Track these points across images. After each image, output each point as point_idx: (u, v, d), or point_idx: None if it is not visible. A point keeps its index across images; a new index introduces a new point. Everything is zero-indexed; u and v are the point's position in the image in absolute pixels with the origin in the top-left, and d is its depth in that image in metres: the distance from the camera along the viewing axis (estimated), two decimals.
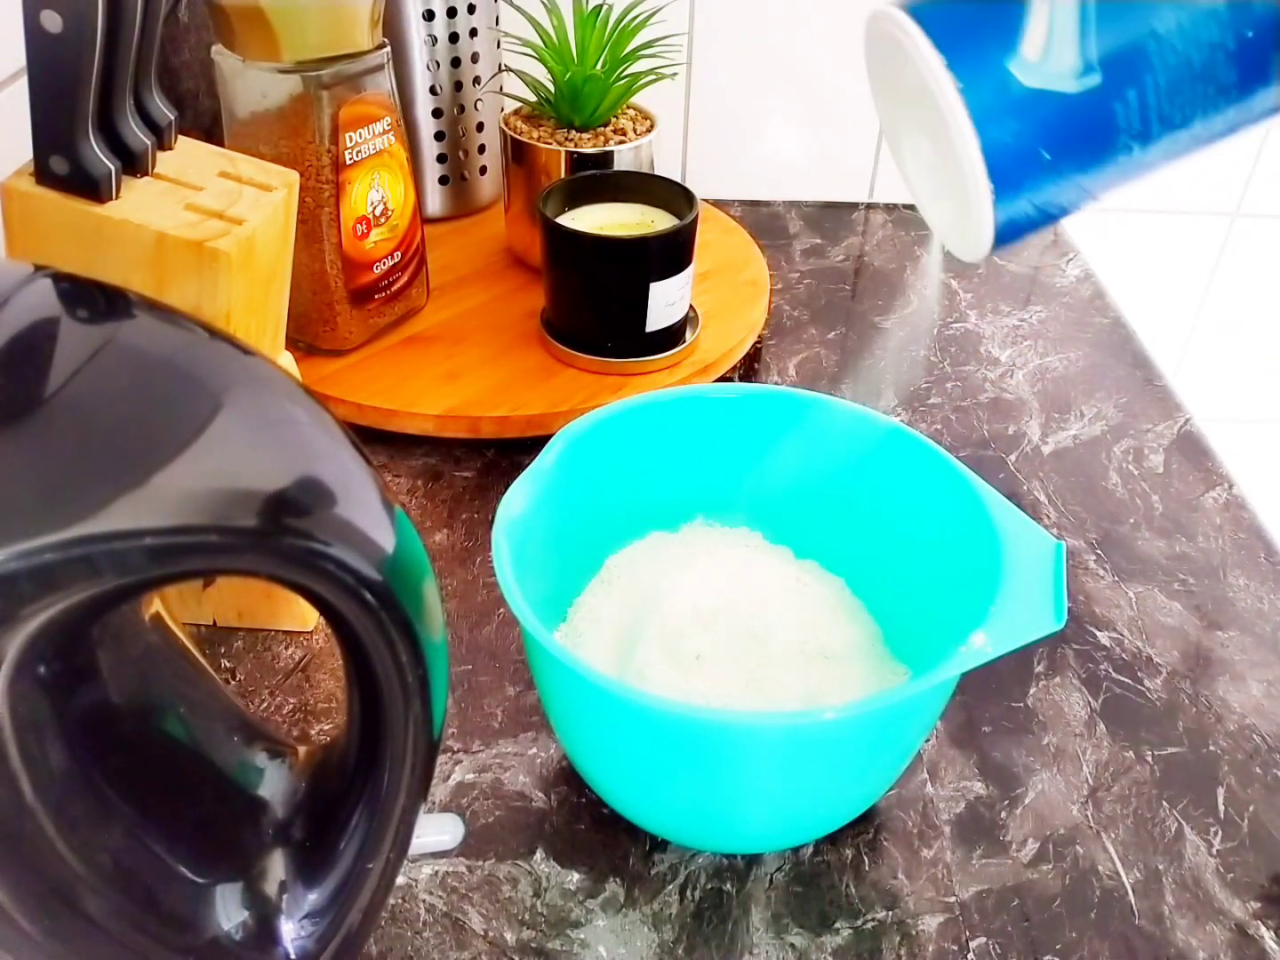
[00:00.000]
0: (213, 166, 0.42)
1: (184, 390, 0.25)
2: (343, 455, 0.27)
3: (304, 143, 0.58)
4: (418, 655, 0.28)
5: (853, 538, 0.47)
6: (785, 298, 0.79)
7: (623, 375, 0.65)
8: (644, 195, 0.68)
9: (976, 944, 0.39)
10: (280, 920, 0.31)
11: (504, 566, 0.37)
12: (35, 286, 0.26)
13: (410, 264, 0.67)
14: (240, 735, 0.33)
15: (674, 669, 0.41)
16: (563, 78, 0.69)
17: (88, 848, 0.27)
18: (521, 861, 0.42)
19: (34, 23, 0.34)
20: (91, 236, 0.38)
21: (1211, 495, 0.61)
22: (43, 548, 0.21)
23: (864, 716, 0.35)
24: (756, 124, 0.91)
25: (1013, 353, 0.74)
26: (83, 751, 0.27)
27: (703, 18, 0.85)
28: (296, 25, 0.56)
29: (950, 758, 0.46)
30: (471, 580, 0.54)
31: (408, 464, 0.61)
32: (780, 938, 0.39)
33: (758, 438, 0.47)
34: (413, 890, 0.41)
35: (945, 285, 0.81)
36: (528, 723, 0.47)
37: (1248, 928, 0.40)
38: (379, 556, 0.26)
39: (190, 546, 0.23)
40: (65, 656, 0.25)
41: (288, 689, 0.48)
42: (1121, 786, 0.45)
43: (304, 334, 0.64)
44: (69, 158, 0.37)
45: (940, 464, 0.43)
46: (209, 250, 0.39)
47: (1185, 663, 0.51)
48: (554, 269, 0.65)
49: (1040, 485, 0.62)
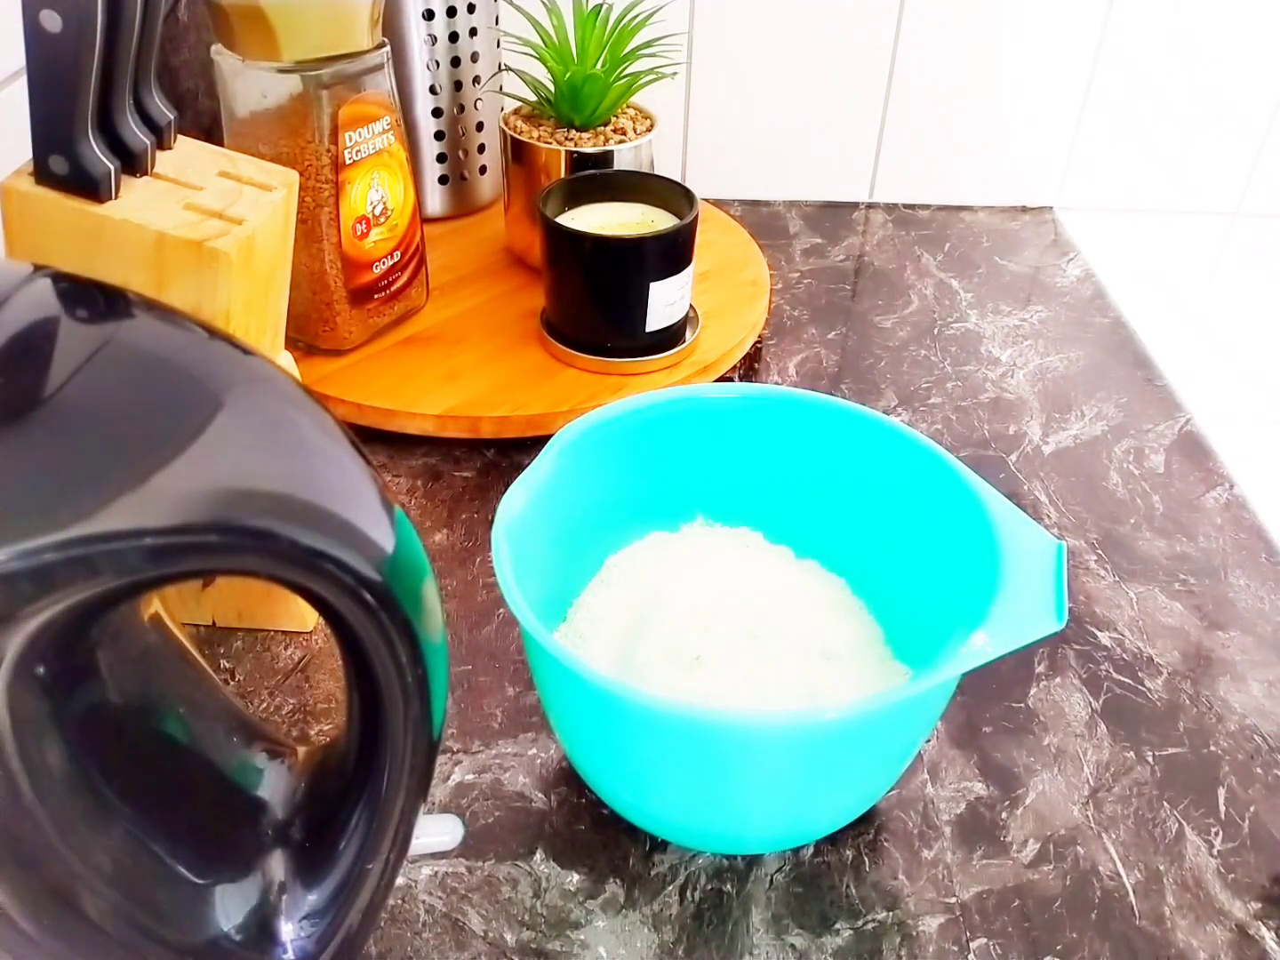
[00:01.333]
0: (212, 166, 0.42)
1: (184, 390, 0.25)
2: (342, 455, 0.27)
3: (304, 142, 0.58)
4: (417, 655, 0.28)
5: (853, 538, 0.47)
6: (785, 297, 0.79)
7: (623, 375, 0.65)
8: (644, 195, 0.68)
9: (977, 945, 0.39)
10: (280, 921, 0.31)
11: (504, 567, 0.37)
12: (35, 286, 0.26)
13: (410, 264, 0.67)
14: (240, 736, 0.33)
15: (674, 669, 0.41)
16: (563, 77, 0.69)
17: (87, 848, 0.27)
18: (521, 862, 0.42)
19: (34, 22, 0.34)
20: (91, 236, 0.38)
21: (1212, 495, 0.61)
22: (42, 547, 0.21)
23: (865, 717, 0.34)
24: (756, 123, 0.91)
25: (1013, 352, 0.74)
26: (82, 751, 0.27)
27: (702, 17, 0.85)
28: (296, 25, 0.56)
29: (951, 758, 0.46)
30: (471, 580, 0.54)
31: (407, 464, 0.61)
32: (780, 938, 0.39)
33: (758, 438, 0.47)
34: (412, 891, 0.40)
35: (946, 285, 0.81)
36: (527, 723, 0.47)
37: (1248, 928, 0.40)
38: (378, 557, 0.26)
39: (190, 546, 0.23)
40: (65, 656, 0.25)
41: (287, 689, 0.48)
42: (1122, 787, 0.45)
43: (303, 334, 0.64)
44: (68, 157, 0.37)
45: (941, 464, 0.43)
46: (208, 250, 0.39)
47: (1186, 663, 0.51)
48: (554, 269, 0.65)
49: (1041, 485, 0.62)
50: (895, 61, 0.87)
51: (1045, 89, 0.89)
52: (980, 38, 0.86)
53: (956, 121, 0.90)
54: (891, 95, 0.89)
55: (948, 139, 0.91)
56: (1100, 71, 0.88)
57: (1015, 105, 0.90)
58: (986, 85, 0.89)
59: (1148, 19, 0.86)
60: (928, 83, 0.89)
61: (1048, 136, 0.91)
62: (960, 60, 0.87)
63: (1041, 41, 0.87)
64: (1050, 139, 0.91)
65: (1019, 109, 0.90)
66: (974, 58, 0.87)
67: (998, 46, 0.87)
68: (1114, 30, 0.86)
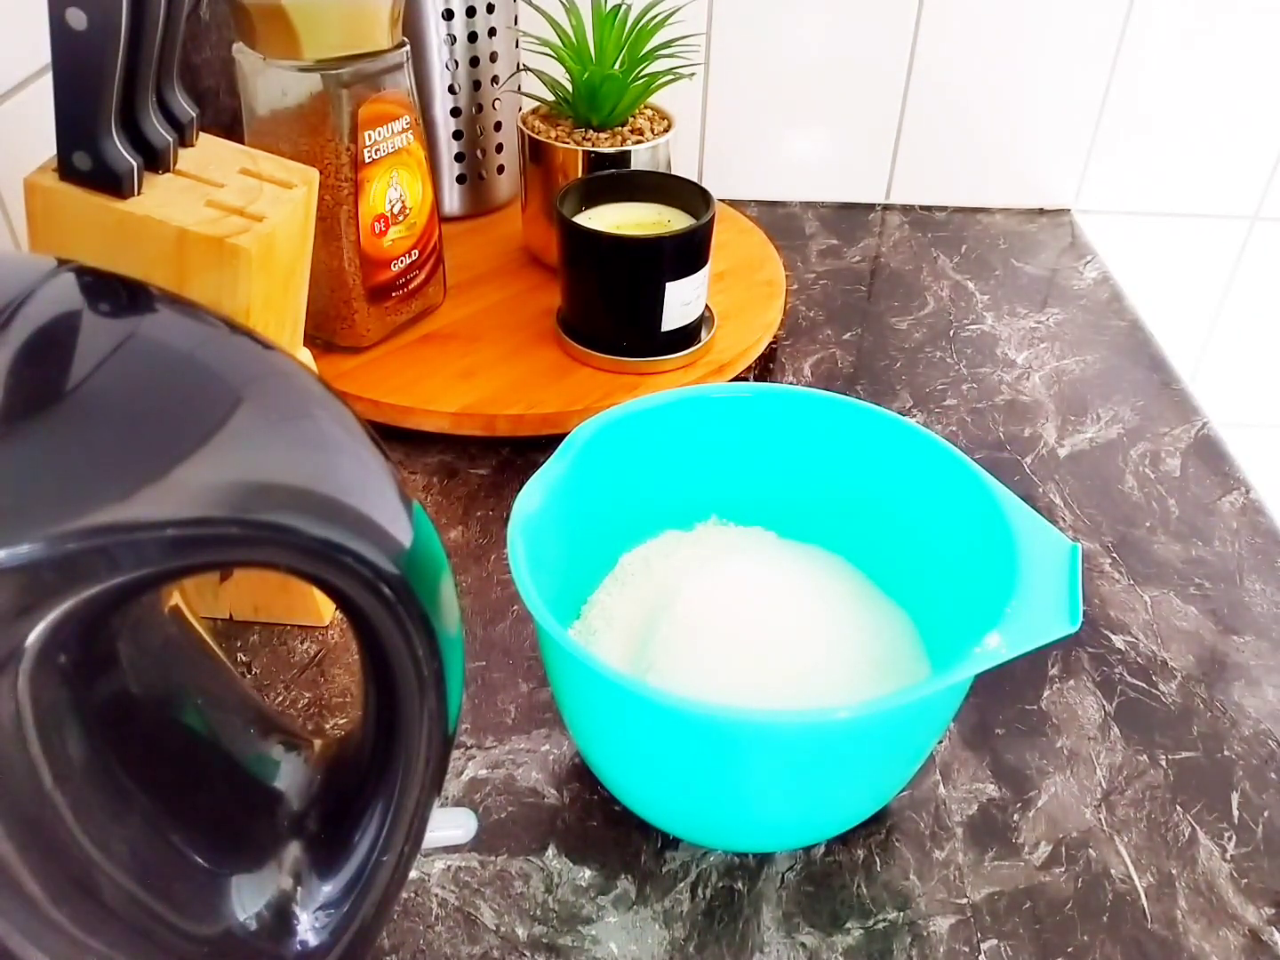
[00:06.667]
0: (234, 163, 0.43)
1: (205, 384, 0.25)
2: (361, 450, 0.27)
3: (323, 141, 0.59)
4: (434, 649, 0.28)
5: (867, 539, 0.47)
6: (801, 298, 0.79)
7: (638, 374, 0.65)
8: (661, 195, 0.68)
9: (988, 946, 0.39)
10: (295, 911, 0.31)
11: (519, 563, 0.37)
12: (59, 280, 0.26)
13: (427, 262, 0.67)
14: (257, 728, 0.34)
15: (687, 667, 0.41)
16: (581, 77, 0.69)
17: (106, 836, 0.27)
18: (533, 857, 0.42)
19: (59, 20, 0.34)
20: (113, 232, 0.39)
21: (1228, 499, 0.61)
22: (65, 536, 0.21)
23: (877, 716, 0.35)
24: (773, 124, 0.91)
25: (1029, 355, 0.73)
26: (102, 741, 0.27)
27: (721, 18, 0.85)
28: (317, 24, 0.56)
29: (963, 759, 0.46)
30: (486, 577, 0.54)
31: (423, 461, 0.62)
32: (791, 937, 0.39)
33: (772, 438, 0.47)
34: (425, 884, 0.41)
35: (962, 287, 0.81)
36: (541, 719, 0.47)
37: (1261, 933, 0.40)
38: (396, 551, 0.26)
39: (211, 538, 0.23)
40: (86, 647, 0.25)
41: (303, 683, 0.48)
42: (1135, 790, 0.45)
43: (322, 331, 0.65)
44: (92, 154, 0.37)
45: (957, 465, 0.43)
46: (229, 246, 0.39)
47: (1200, 667, 0.51)
48: (570, 268, 0.66)
49: (1056, 488, 0.61)
50: (913, 63, 0.87)
51: (1063, 91, 0.89)
52: (998, 39, 0.86)
53: (974, 123, 0.90)
54: (909, 97, 0.89)
55: (965, 141, 0.91)
56: (1119, 73, 0.88)
57: (1033, 107, 0.89)
58: (1004, 87, 0.89)
59: (1166, 20, 0.85)
60: (945, 84, 0.88)
61: (1066, 138, 0.91)
62: (978, 62, 0.87)
63: (1059, 43, 0.86)
64: (1068, 141, 0.91)
65: (1037, 111, 0.90)
66: (992, 59, 0.87)
67: (1015, 48, 0.87)
68: (1133, 31, 0.86)
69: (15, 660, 0.23)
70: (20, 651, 0.23)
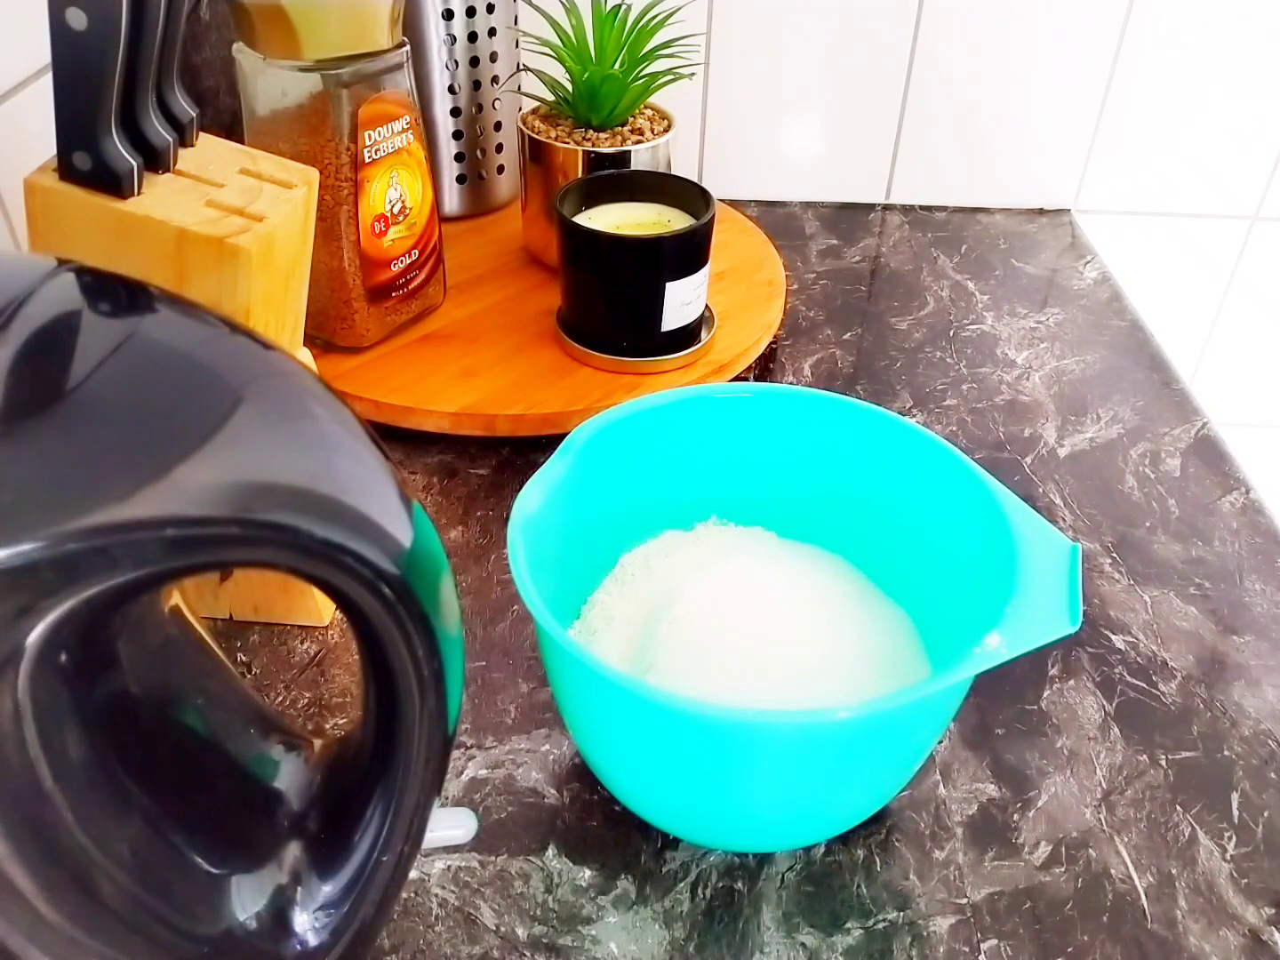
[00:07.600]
0: (233, 163, 0.43)
1: (205, 384, 0.25)
2: (361, 450, 0.27)
3: (323, 141, 0.59)
4: (434, 649, 0.28)
5: (867, 539, 0.47)
6: (801, 298, 0.79)
7: (638, 374, 0.65)
8: (661, 195, 0.68)
9: (988, 946, 0.39)
10: (295, 911, 0.31)
11: (519, 563, 0.37)
12: (59, 280, 0.26)
13: (427, 262, 0.67)
14: (257, 728, 0.34)
15: (687, 667, 0.41)
16: (581, 77, 0.69)
17: (105, 836, 0.27)
18: (533, 857, 0.42)
19: (59, 20, 0.34)
20: (113, 232, 0.39)
21: (1228, 499, 0.61)
22: (65, 536, 0.21)
23: (877, 716, 0.35)
24: (773, 124, 0.91)
25: (1029, 355, 0.73)
26: (102, 741, 0.27)
27: (721, 18, 0.85)
28: (317, 24, 0.56)
29: (963, 759, 0.46)
30: (486, 577, 0.54)
31: (423, 461, 0.62)
32: (791, 937, 0.39)
33: (772, 438, 0.47)
34: (425, 884, 0.41)
35: (962, 287, 0.81)
36: (541, 719, 0.47)
37: (1261, 933, 0.40)
38: (396, 550, 0.26)
39: (211, 538, 0.23)
40: (86, 646, 0.25)
41: (303, 683, 0.48)
42: (1135, 790, 0.45)
43: (322, 331, 0.65)
44: (92, 154, 0.37)
45: (957, 465, 0.43)
46: (229, 246, 0.39)
47: (1200, 667, 0.51)
48: (570, 268, 0.66)
49: (1056, 488, 0.61)
50: (913, 63, 0.87)
51: (1063, 91, 0.89)
52: (998, 39, 0.86)
53: (974, 123, 0.90)
54: (909, 96, 0.89)
55: (965, 140, 0.91)
56: (1118, 73, 0.88)
57: (1033, 107, 0.89)
58: (1004, 87, 0.89)
59: (1166, 20, 0.85)
60: (945, 84, 0.88)
61: (1066, 138, 0.91)
62: (978, 62, 0.87)
63: (1059, 43, 0.86)
64: (1068, 141, 0.91)
65: (1036, 111, 0.90)
66: (991, 59, 0.87)
67: (1015, 48, 0.87)
68: (1132, 31, 0.86)
69: (15, 660, 0.23)
70: (20, 651, 0.23)
